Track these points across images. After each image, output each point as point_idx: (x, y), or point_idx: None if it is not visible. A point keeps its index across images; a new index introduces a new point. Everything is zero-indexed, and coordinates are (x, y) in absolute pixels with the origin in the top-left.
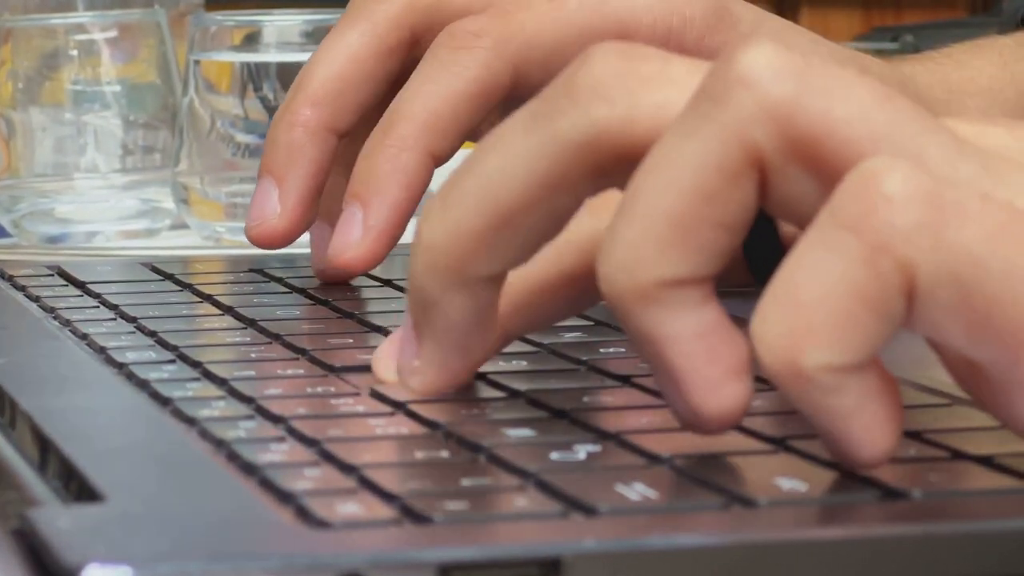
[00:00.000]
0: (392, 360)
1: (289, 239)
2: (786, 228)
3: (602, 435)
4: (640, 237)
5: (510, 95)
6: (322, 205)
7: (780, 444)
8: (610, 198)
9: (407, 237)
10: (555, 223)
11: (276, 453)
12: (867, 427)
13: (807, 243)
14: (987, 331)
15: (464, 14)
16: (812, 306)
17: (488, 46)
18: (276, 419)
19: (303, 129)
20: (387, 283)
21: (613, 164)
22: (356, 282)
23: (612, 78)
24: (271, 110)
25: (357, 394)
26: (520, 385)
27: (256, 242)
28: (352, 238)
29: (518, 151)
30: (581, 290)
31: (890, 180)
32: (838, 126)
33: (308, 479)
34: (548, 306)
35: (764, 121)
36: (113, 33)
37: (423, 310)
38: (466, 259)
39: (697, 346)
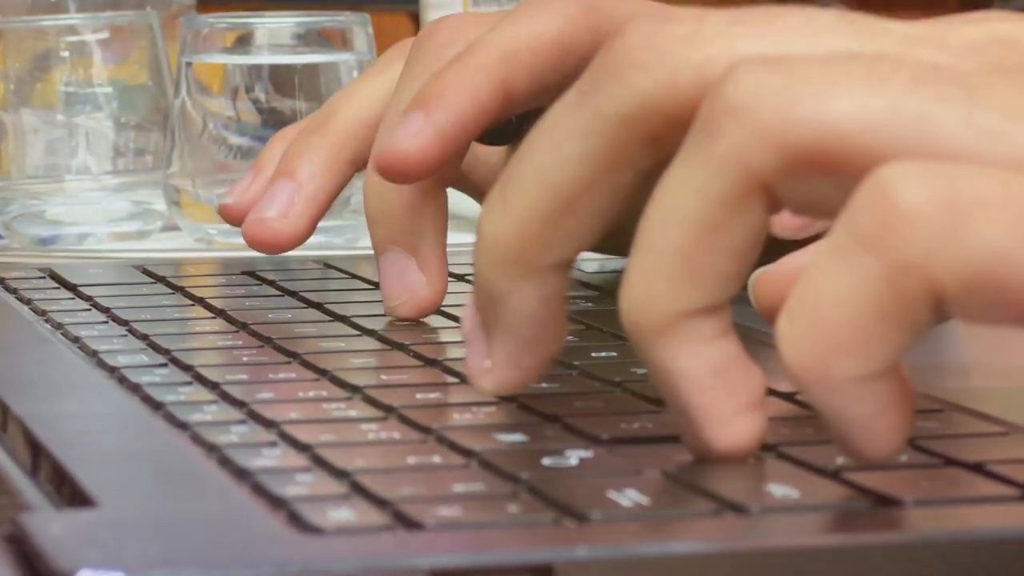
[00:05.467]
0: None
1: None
2: None
3: (594, 441)
4: (651, 272)
5: None
6: None
7: (772, 451)
8: None
9: None
10: (617, 200)
11: (268, 458)
12: (881, 431)
13: (828, 251)
14: None
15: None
16: (836, 320)
17: None
18: (268, 423)
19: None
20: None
21: (664, 131)
22: (350, 284)
23: (647, 44)
24: (263, 112)
25: (349, 398)
26: None
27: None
28: (412, 129)
29: (568, 134)
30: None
31: (904, 191)
32: (834, 128)
33: (300, 484)
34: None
35: (759, 146)
36: (105, 35)
37: (491, 306)
38: (532, 248)
39: (713, 382)
